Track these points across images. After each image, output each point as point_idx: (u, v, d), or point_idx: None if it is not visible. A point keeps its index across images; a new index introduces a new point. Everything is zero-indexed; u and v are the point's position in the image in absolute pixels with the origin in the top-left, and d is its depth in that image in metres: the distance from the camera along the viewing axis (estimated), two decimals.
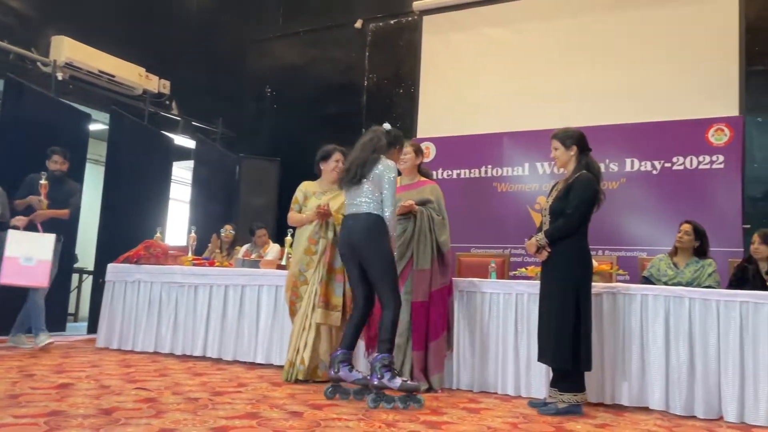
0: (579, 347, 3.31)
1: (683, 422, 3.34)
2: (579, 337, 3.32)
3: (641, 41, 6.49)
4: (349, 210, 3.64)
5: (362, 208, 3.54)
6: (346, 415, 3.06)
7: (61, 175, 5.40)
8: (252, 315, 4.80)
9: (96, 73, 6.79)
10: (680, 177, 6.10)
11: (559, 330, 3.33)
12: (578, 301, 3.34)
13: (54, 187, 5.23)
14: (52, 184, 5.20)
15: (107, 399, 3.12)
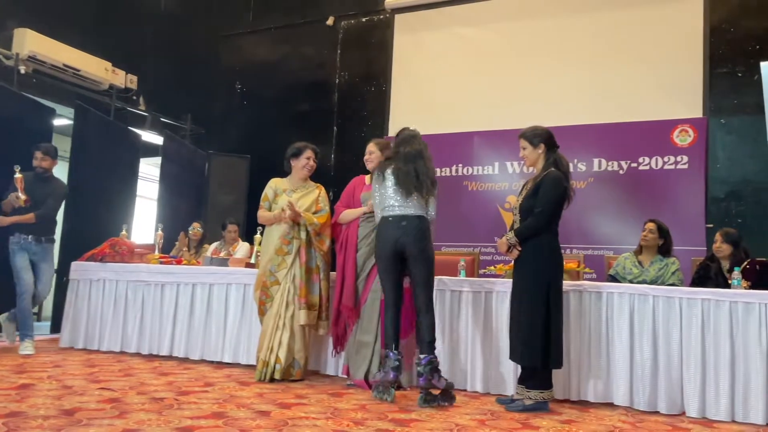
0: (549, 345, 3.35)
1: (647, 417, 3.40)
2: (549, 335, 3.35)
3: (609, 43, 6.59)
4: (393, 211, 3.69)
5: (414, 210, 3.66)
6: (315, 414, 3.04)
7: (42, 172, 5.11)
8: (220, 314, 4.74)
9: (60, 67, 6.63)
10: (646, 177, 6.21)
11: (529, 328, 3.36)
12: (548, 299, 3.38)
13: (35, 186, 5.02)
14: (34, 182, 5.01)
15: (69, 399, 3.05)
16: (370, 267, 4.02)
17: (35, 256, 5.05)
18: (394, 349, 3.58)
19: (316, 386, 3.89)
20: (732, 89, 6.07)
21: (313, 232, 4.13)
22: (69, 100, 6.90)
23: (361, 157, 4.30)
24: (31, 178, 5.02)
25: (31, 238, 5.01)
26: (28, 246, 5.01)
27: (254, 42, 8.58)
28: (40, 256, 5.06)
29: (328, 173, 7.48)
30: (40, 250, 5.06)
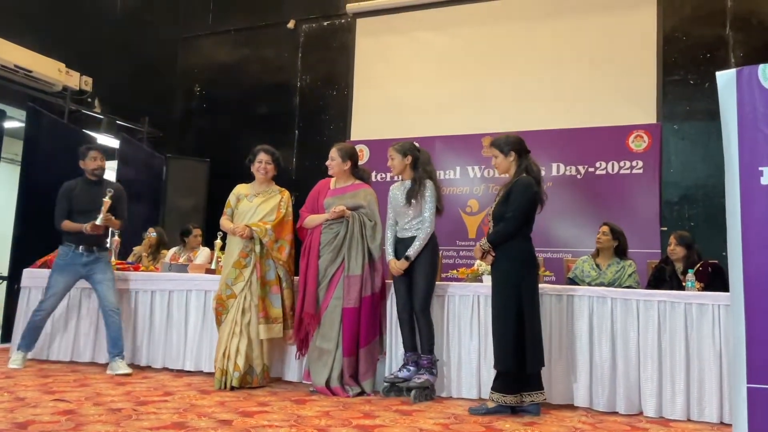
0: (524, 349, 3.37)
1: (606, 418, 3.46)
2: (524, 338, 3.38)
3: (567, 50, 6.72)
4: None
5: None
6: (278, 421, 3.01)
7: (101, 174, 4.67)
8: (180, 321, 4.65)
9: (11, 68, 6.40)
10: (603, 181, 6.35)
11: (501, 332, 3.40)
12: (521, 302, 3.41)
13: (94, 191, 4.57)
14: (90, 187, 4.59)
15: (22, 412, 2.95)
16: (332, 273, 4.00)
17: (86, 269, 4.52)
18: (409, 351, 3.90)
19: (279, 393, 3.85)
20: (684, 96, 6.27)
21: (269, 242, 4.08)
22: (20, 102, 6.67)
23: (324, 160, 4.27)
24: (81, 184, 4.62)
25: (82, 249, 4.50)
26: (78, 258, 4.50)
27: (214, 44, 8.47)
28: (94, 267, 4.53)
29: (289, 177, 7.43)
30: (93, 260, 4.53)
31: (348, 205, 4.05)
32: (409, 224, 3.95)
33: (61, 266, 4.50)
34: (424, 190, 3.92)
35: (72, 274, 4.51)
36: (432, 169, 4.04)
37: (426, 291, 3.84)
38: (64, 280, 4.49)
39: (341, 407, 3.45)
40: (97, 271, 4.52)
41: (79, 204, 4.53)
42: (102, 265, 4.56)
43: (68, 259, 4.49)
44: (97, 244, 4.56)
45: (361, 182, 4.23)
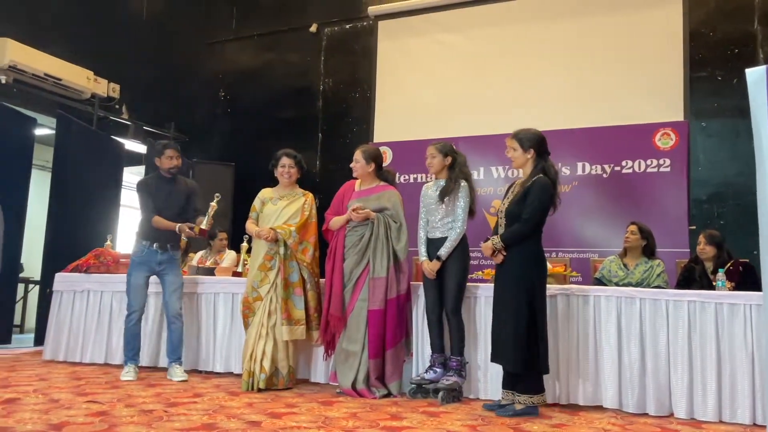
0: (536, 350, 3.36)
1: (636, 420, 3.42)
2: (536, 339, 3.37)
3: (591, 47, 6.66)
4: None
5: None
6: (305, 423, 3.03)
7: (176, 172, 4.61)
8: (209, 323, 4.72)
9: (42, 76, 6.56)
10: (629, 180, 6.27)
11: (514, 333, 3.37)
12: (533, 303, 3.39)
13: (169, 189, 4.55)
14: (165, 184, 4.56)
15: (57, 413, 3.01)
16: (357, 276, 4.01)
17: (160, 267, 4.49)
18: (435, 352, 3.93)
19: (306, 395, 3.88)
20: (712, 93, 6.17)
21: (294, 243, 4.12)
22: (51, 110, 6.83)
23: (347, 163, 4.29)
24: (156, 182, 4.59)
25: (157, 246, 4.46)
26: (152, 256, 4.47)
27: (238, 49, 8.57)
28: (166, 266, 4.50)
29: (313, 180, 7.47)
30: (166, 259, 4.50)
31: (372, 207, 4.06)
32: (440, 223, 3.95)
33: (136, 264, 4.48)
34: (458, 189, 3.92)
35: (147, 271, 4.48)
36: (468, 172, 4.05)
37: (457, 292, 3.84)
38: (141, 276, 4.46)
39: (368, 409, 3.46)
40: (168, 272, 4.50)
41: (155, 201, 4.52)
42: (174, 266, 4.53)
43: (143, 257, 4.47)
44: (170, 242, 4.51)
45: (386, 184, 4.24)
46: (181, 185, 4.61)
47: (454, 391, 3.77)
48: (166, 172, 4.56)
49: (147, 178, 4.66)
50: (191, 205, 4.57)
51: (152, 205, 4.47)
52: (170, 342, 4.42)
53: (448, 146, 4.06)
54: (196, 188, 4.69)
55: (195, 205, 4.57)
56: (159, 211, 4.47)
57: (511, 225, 3.52)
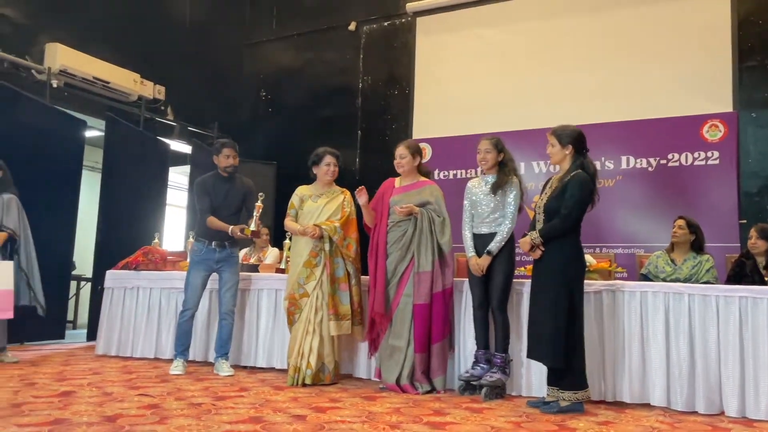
0: (574, 345, 3.33)
1: (685, 418, 3.35)
2: (574, 335, 3.33)
3: (635, 39, 6.53)
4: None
5: None
6: (350, 417, 3.06)
7: (233, 171, 4.65)
8: (252, 319, 4.81)
9: (90, 80, 6.77)
10: (676, 173, 6.13)
11: (553, 329, 3.34)
12: (572, 298, 3.36)
13: (227, 188, 4.60)
14: (223, 183, 4.60)
15: (110, 406, 3.12)
16: (402, 271, 4.03)
17: (218, 265, 4.54)
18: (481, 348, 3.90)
19: (349, 390, 3.92)
20: (762, 82, 5.98)
21: (339, 239, 4.16)
22: (99, 112, 7.04)
23: (386, 160, 4.31)
24: (214, 180, 4.62)
25: (215, 245, 4.51)
26: (211, 254, 4.53)
27: (278, 49, 8.68)
28: (224, 264, 4.55)
29: (353, 177, 7.52)
30: (224, 256, 4.54)
31: (415, 202, 4.08)
32: (489, 218, 3.92)
33: (195, 262, 4.55)
34: (510, 184, 3.91)
35: (206, 269, 4.54)
36: (516, 168, 4.06)
37: (504, 288, 3.82)
38: (199, 275, 4.52)
39: (411, 404, 3.48)
40: (226, 270, 4.54)
41: (216, 199, 4.57)
42: (231, 264, 4.58)
43: (201, 255, 4.53)
44: (228, 240, 4.54)
45: (427, 179, 4.25)
46: (237, 184, 4.66)
47: (498, 388, 3.76)
48: (223, 171, 4.62)
49: (205, 177, 4.70)
50: (247, 205, 4.62)
51: (208, 204, 4.55)
52: (219, 338, 4.52)
53: (501, 142, 4.05)
54: (251, 188, 4.72)
55: (251, 206, 4.58)
56: (216, 210, 4.54)
57: (549, 220, 3.49)
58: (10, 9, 6.31)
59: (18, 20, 6.39)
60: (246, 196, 4.65)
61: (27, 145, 5.91)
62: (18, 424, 2.66)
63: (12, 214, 4.70)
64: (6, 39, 6.21)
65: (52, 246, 6.17)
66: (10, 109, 5.86)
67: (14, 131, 5.84)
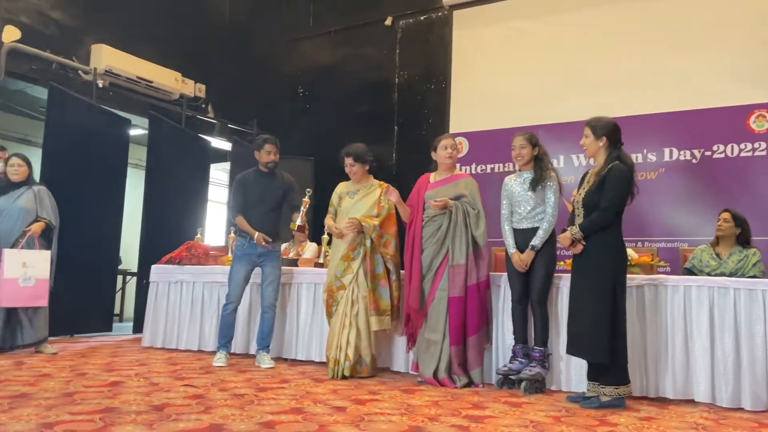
0: (616, 341, 3.29)
1: (730, 414, 3.28)
2: (616, 330, 3.30)
3: (678, 27, 6.36)
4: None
5: None
6: (389, 409, 3.10)
7: (273, 167, 4.71)
8: (292, 312, 4.88)
9: (134, 79, 6.96)
10: (721, 165, 5.97)
11: (595, 324, 3.30)
12: (615, 293, 3.32)
13: (266, 183, 4.68)
14: (262, 179, 4.68)
15: (157, 396, 3.22)
16: (438, 265, 4.04)
17: (260, 259, 4.62)
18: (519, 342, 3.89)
19: (388, 383, 3.96)
20: None
21: (377, 237, 4.19)
22: (143, 111, 7.24)
23: (423, 154, 4.33)
24: (254, 176, 4.71)
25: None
26: (252, 249, 4.60)
27: (315, 46, 8.74)
28: (265, 258, 4.62)
29: (389, 172, 7.54)
30: (266, 251, 4.60)
31: (449, 196, 4.08)
32: (530, 214, 3.91)
33: (238, 257, 4.65)
34: (549, 180, 3.90)
35: (248, 263, 4.63)
36: (550, 161, 4.06)
37: (545, 282, 3.81)
38: (242, 269, 4.61)
39: (450, 397, 3.49)
40: (268, 264, 4.62)
41: (251, 195, 4.65)
42: (272, 258, 4.64)
43: (244, 250, 4.62)
44: (271, 234, 4.60)
45: (462, 172, 4.26)
46: (278, 180, 4.73)
47: (537, 382, 3.74)
48: (264, 166, 4.69)
49: (245, 172, 4.79)
50: (288, 200, 4.70)
51: (241, 203, 4.64)
52: (261, 331, 4.60)
53: (535, 136, 4.04)
54: (292, 183, 4.79)
55: (292, 201, 4.68)
56: (253, 205, 4.62)
57: (589, 214, 3.45)
58: (57, 12, 6.53)
59: (65, 23, 6.60)
60: (287, 192, 4.72)
61: (75, 143, 6.13)
62: (71, 412, 2.77)
63: (46, 204, 4.89)
64: (54, 41, 6.43)
65: (99, 242, 6.40)
66: (59, 109, 6.08)
67: (64, 130, 6.06)
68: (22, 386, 3.35)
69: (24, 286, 4.54)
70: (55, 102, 6.07)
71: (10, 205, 4.77)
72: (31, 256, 4.66)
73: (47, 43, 6.34)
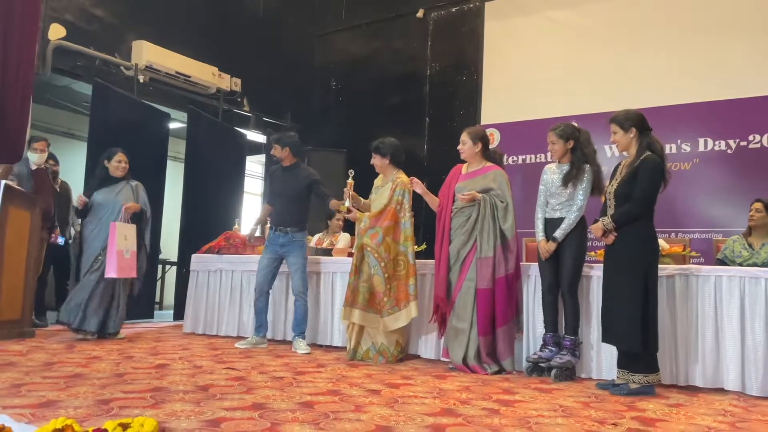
0: (648, 329, 3.35)
1: (760, 402, 3.31)
2: (648, 319, 3.35)
3: (712, 16, 6.31)
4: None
5: None
6: (422, 393, 3.21)
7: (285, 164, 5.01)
8: (326, 300, 5.03)
9: (173, 74, 7.16)
10: (757, 155, 5.93)
11: (629, 313, 3.36)
12: (647, 283, 3.37)
13: (286, 177, 4.96)
14: (283, 173, 4.98)
15: (202, 377, 3.38)
16: (465, 256, 4.12)
17: (283, 249, 4.84)
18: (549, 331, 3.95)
19: (420, 369, 4.07)
20: None
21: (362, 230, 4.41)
22: (182, 105, 7.45)
23: (454, 146, 4.39)
24: (279, 169, 5.04)
25: (279, 230, 4.85)
26: (276, 239, 4.85)
27: (347, 39, 8.86)
28: (288, 248, 4.82)
29: (420, 164, 7.63)
30: (287, 241, 4.82)
31: (478, 188, 4.15)
32: (561, 205, 3.96)
33: (265, 246, 4.97)
34: (582, 174, 3.92)
35: (272, 252, 4.87)
36: (591, 151, 4.00)
37: (574, 272, 3.87)
38: (265, 257, 4.88)
39: (480, 383, 3.59)
40: (290, 253, 4.82)
41: (275, 187, 5.02)
42: (295, 247, 4.82)
43: (270, 239, 4.91)
44: (290, 225, 4.82)
45: (492, 164, 4.31)
46: (299, 174, 4.95)
47: (568, 370, 3.82)
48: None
49: (274, 166, 5.18)
50: (316, 192, 4.91)
51: (267, 194, 4.94)
52: (295, 318, 4.79)
53: (569, 129, 4.01)
54: (313, 175, 5.00)
55: (321, 191, 4.90)
56: (274, 198, 4.96)
57: (621, 206, 3.50)
58: (100, 10, 6.75)
59: (107, 20, 6.83)
60: (312, 185, 4.92)
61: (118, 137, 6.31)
62: (123, 390, 2.95)
63: (142, 197, 5.16)
64: (97, 38, 6.66)
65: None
66: (103, 103, 6.30)
67: (107, 125, 6.28)
68: (76, 367, 3.56)
69: (126, 258, 4.80)
70: (99, 97, 6.29)
71: (111, 199, 5.00)
72: (128, 230, 4.90)
73: (90, 40, 6.57)
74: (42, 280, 5.69)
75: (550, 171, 4.10)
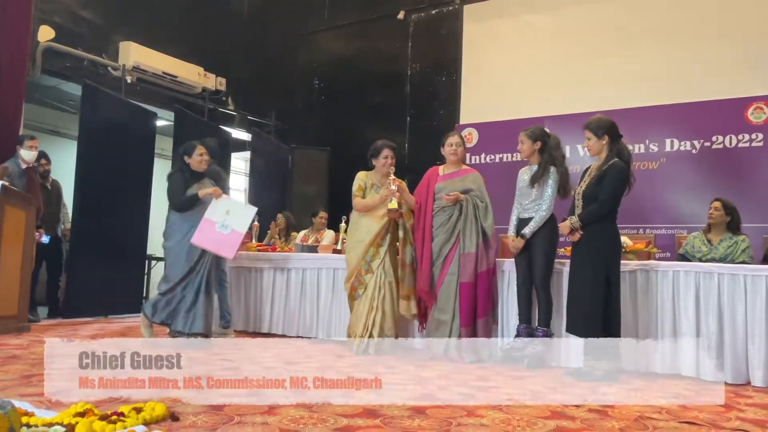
0: (610, 320, 3.65)
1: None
2: (610, 311, 3.66)
3: (678, 22, 6.63)
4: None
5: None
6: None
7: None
8: (312, 295, 5.26)
9: (160, 74, 7.32)
10: (719, 156, 6.24)
11: (590, 305, 3.66)
12: (609, 277, 3.67)
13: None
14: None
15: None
16: (447, 252, 4.38)
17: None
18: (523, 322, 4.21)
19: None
20: None
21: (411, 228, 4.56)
22: (168, 104, 7.60)
23: (434, 144, 4.63)
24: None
25: None
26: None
27: (330, 39, 9.05)
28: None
29: (402, 162, 7.83)
30: None
31: (458, 189, 4.41)
32: (530, 205, 4.24)
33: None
34: (547, 175, 4.19)
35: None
36: (559, 155, 4.24)
37: (545, 267, 4.14)
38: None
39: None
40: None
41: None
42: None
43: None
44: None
45: (468, 167, 4.58)
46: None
47: (539, 360, 4.09)
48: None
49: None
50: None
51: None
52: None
53: (538, 131, 4.27)
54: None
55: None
56: None
57: (587, 206, 3.79)
58: (88, 12, 6.88)
59: (94, 21, 6.96)
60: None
61: (106, 136, 6.50)
62: None
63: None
64: (85, 39, 6.79)
65: (128, 227, 6.79)
66: (91, 104, 6.44)
67: (96, 124, 6.43)
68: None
69: (219, 231, 4.51)
70: (88, 97, 6.43)
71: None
72: (238, 207, 4.74)
73: (79, 42, 6.70)
74: (33, 277, 5.83)
75: (522, 172, 4.38)
